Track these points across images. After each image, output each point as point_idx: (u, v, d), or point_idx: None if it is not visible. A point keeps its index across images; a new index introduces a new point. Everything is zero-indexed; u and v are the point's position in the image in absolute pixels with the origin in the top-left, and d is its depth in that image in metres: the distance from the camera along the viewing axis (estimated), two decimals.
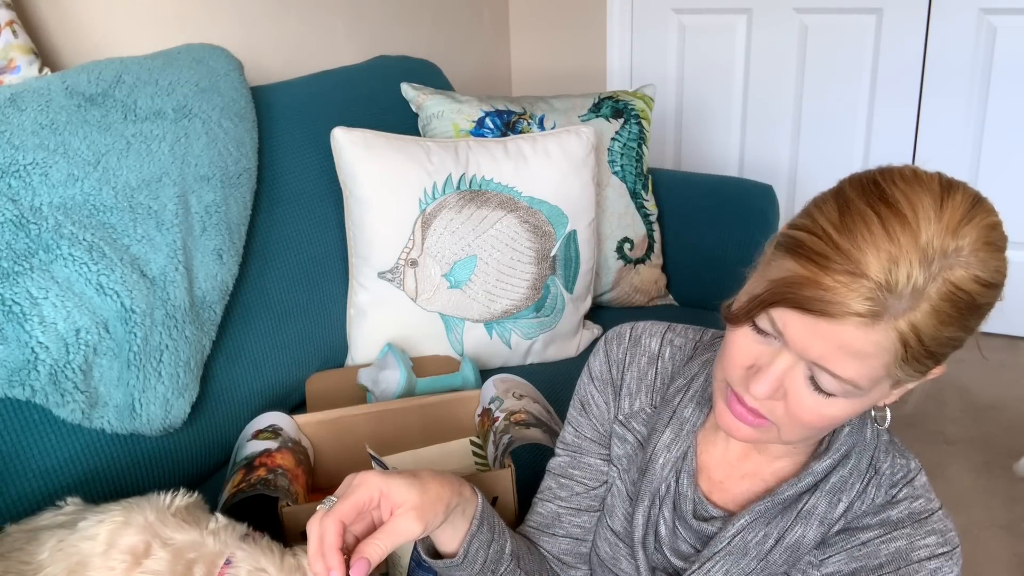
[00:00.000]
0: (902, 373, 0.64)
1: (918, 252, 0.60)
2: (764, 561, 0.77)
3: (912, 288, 0.60)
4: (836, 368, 0.64)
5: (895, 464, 0.78)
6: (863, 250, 0.60)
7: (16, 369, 0.97)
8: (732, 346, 0.70)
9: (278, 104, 1.50)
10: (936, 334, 0.62)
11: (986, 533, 1.77)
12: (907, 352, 0.62)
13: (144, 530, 0.81)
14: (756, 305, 0.66)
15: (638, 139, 1.74)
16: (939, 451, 2.05)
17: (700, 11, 2.68)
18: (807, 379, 0.67)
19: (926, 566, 0.73)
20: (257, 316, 1.34)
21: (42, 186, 1.07)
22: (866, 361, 0.63)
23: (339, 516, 0.69)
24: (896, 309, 0.60)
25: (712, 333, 0.89)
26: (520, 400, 1.20)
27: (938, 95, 2.45)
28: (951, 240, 0.61)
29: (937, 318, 0.61)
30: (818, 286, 0.61)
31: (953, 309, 0.61)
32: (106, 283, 1.06)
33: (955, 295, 0.61)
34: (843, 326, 0.61)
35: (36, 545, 0.82)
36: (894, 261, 0.60)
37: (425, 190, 1.44)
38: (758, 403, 0.70)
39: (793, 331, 0.64)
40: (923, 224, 0.60)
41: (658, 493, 0.83)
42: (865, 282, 0.60)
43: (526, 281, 1.50)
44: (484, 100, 1.69)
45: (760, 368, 0.68)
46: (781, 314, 0.65)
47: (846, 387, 0.65)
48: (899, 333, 0.61)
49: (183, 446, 1.20)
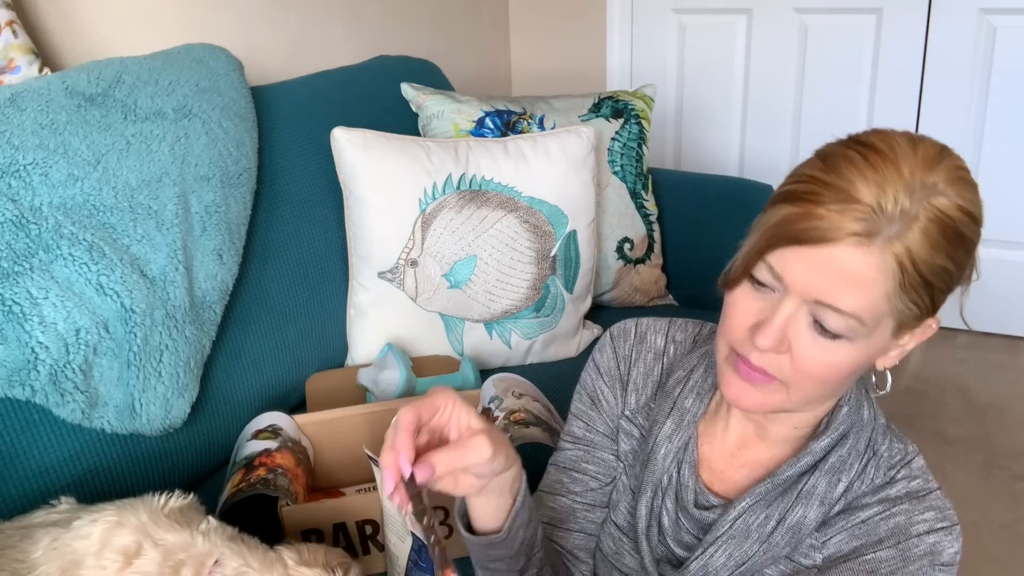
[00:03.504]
0: (902, 304, 0.66)
1: (902, 181, 0.64)
2: (766, 543, 0.77)
3: (901, 211, 0.63)
4: (839, 302, 0.65)
5: (893, 447, 0.79)
6: (851, 181, 0.64)
7: (16, 369, 0.97)
8: (733, 308, 0.72)
9: (278, 104, 1.50)
10: (929, 259, 0.65)
11: (986, 533, 1.77)
12: (904, 277, 0.65)
13: (137, 530, 0.81)
14: (754, 253, 0.69)
15: (638, 139, 1.74)
16: (939, 451, 2.05)
17: (700, 11, 2.68)
18: (811, 325, 0.68)
19: (925, 540, 0.73)
20: (257, 316, 1.34)
21: (42, 186, 1.07)
22: (867, 290, 0.65)
23: (417, 408, 0.67)
24: (889, 232, 0.63)
25: (711, 327, 0.90)
26: (520, 399, 1.20)
27: (938, 95, 2.45)
28: (929, 174, 0.65)
29: (928, 242, 0.64)
30: (812, 217, 0.65)
31: (941, 234, 0.65)
32: (106, 283, 1.06)
33: (942, 219, 0.64)
34: (841, 251, 0.64)
35: (30, 543, 0.83)
36: (881, 188, 0.64)
37: (425, 190, 1.44)
38: (764, 360, 0.70)
39: (793, 272, 0.66)
40: (902, 159, 0.65)
41: (660, 484, 0.83)
42: (857, 206, 0.64)
43: (526, 281, 1.50)
44: (484, 100, 1.70)
45: (763, 322, 0.69)
46: (779, 258, 0.67)
47: (850, 323, 0.66)
48: (895, 256, 0.64)
49: (183, 446, 1.20)
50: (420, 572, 0.94)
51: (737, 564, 0.78)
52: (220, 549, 0.81)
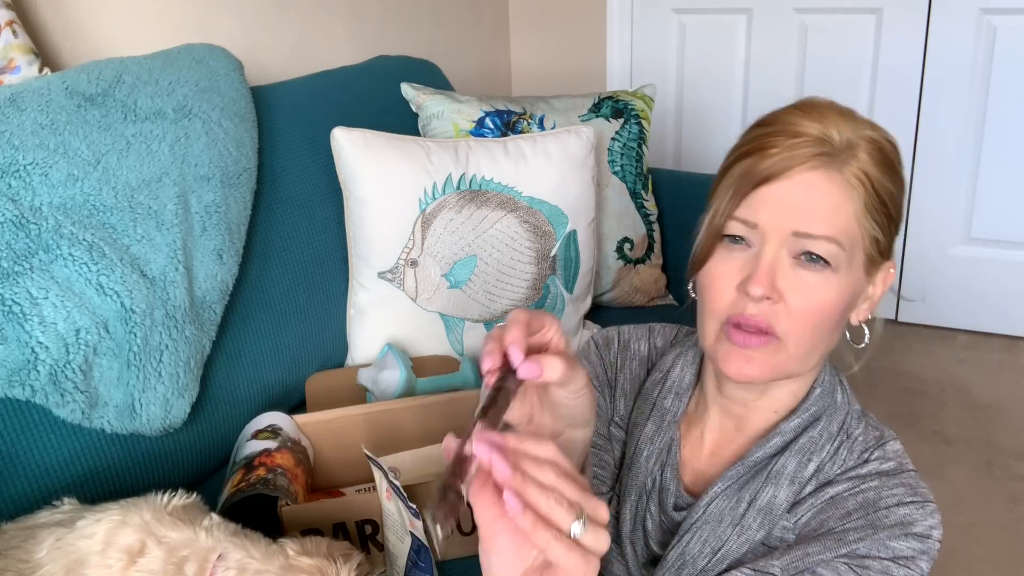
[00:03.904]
0: (869, 225, 0.71)
1: (837, 118, 0.72)
2: (739, 526, 0.77)
3: (845, 141, 0.71)
4: (814, 227, 0.69)
5: (868, 432, 0.79)
6: (794, 122, 0.72)
7: (16, 369, 0.97)
8: (715, 275, 0.74)
9: (278, 104, 1.50)
10: (881, 179, 0.71)
11: (986, 533, 1.77)
12: (867, 196, 0.71)
13: (140, 529, 0.81)
14: (722, 214, 0.72)
15: (638, 139, 1.74)
16: (939, 451, 2.05)
17: (700, 11, 2.68)
18: (795, 263, 0.71)
19: (895, 512, 0.73)
20: (257, 316, 1.34)
21: (42, 186, 1.07)
22: (838, 211, 0.70)
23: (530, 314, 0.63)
24: (840, 158, 0.70)
25: (687, 329, 0.90)
26: None
27: (938, 95, 2.45)
28: (854, 118, 0.73)
29: (875, 163, 0.71)
30: (768, 157, 0.70)
31: (882, 160, 0.72)
32: (106, 283, 1.06)
33: (880, 146, 0.72)
34: (804, 177, 0.70)
35: (34, 543, 0.83)
36: (822, 123, 0.71)
37: (425, 190, 1.44)
38: (761, 310, 0.71)
39: (765, 212, 0.71)
40: (827, 110, 0.73)
41: (644, 487, 0.83)
42: (806, 138, 0.70)
43: (526, 281, 1.50)
44: (484, 100, 1.70)
45: (750, 274, 0.71)
46: (748, 205, 0.71)
47: (830, 248, 0.70)
48: (855, 175, 0.70)
49: (183, 446, 1.20)
50: (420, 572, 0.94)
51: (713, 550, 0.77)
52: (223, 544, 0.81)
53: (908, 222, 2.58)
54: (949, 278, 2.58)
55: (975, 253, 2.53)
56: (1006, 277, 2.51)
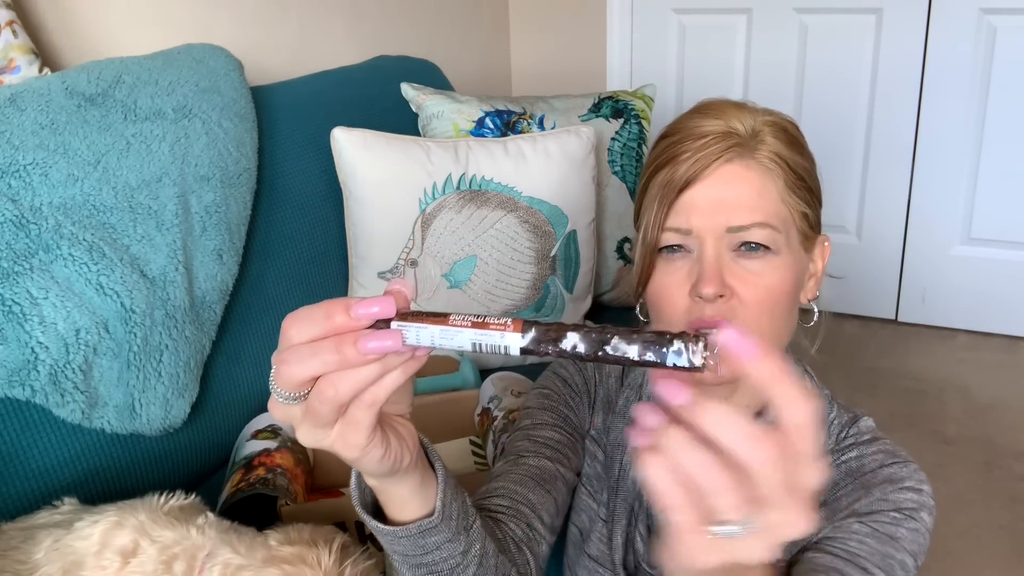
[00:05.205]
0: (794, 201, 0.73)
1: (736, 111, 0.74)
2: None
3: (749, 129, 0.73)
4: (746, 218, 0.71)
5: (842, 415, 0.80)
6: (697, 124, 0.74)
7: (16, 369, 0.97)
8: (663, 286, 0.74)
9: (278, 104, 1.50)
10: (793, 157, 0.74)
11: (986, 533, 1.77)
12: (785, 175, 0.73)
13: (135, 530, 0.82)
14: (654, 228, 0.73)
15: (638, 139, 1.74)
16: (939, 451, 2.05)
17: (700, 11, 2.68)
18: (736, 254, 0.72)
19: (880, 472, 0.73)
20: (257, 316, 1.34)
21: (42, 186, 1.07)
22: (762, 197, 0.72)
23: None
24: (750, 146, 0.72)
25: None
26: (519, 397, 1.20)
27: (938, 95, 2.45)
28: (752, 110, 0.76)
29: (783, 143, 0.73)
30: (682, 162, 0.72)
31: (789, 138, 0.74)
32: (106, 283, 1.06)
33: (782, 126, 0.75)
34: (722, 172, 0.72)
35: (32, 544, 0.83)
36: (723, 119, 0.73)
37: (425, 190, 1.44)
38: (718, 310, 0.71)
39: (696, 214, 0.72)
40: (724, 106, 0.76)
41: (633, 510, 0.83)
42: (712, 136, 0.72)
43: (526, 281, 1.50)
44: (484, 100, 1.70)
45: (697, 277, 0.72)
46: (676, 214, 0.72)
47: (766, 232, 0.71)
48: (768, 158, 0.72)
49: (183, 446, 1.20)
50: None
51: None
52: (212, 542, 0.81)
53: (908, 222, 2.58)
54: (949, 278, 2.58)
55: (975, 253, 2.53)
56: (1006, 277, 2.51)
